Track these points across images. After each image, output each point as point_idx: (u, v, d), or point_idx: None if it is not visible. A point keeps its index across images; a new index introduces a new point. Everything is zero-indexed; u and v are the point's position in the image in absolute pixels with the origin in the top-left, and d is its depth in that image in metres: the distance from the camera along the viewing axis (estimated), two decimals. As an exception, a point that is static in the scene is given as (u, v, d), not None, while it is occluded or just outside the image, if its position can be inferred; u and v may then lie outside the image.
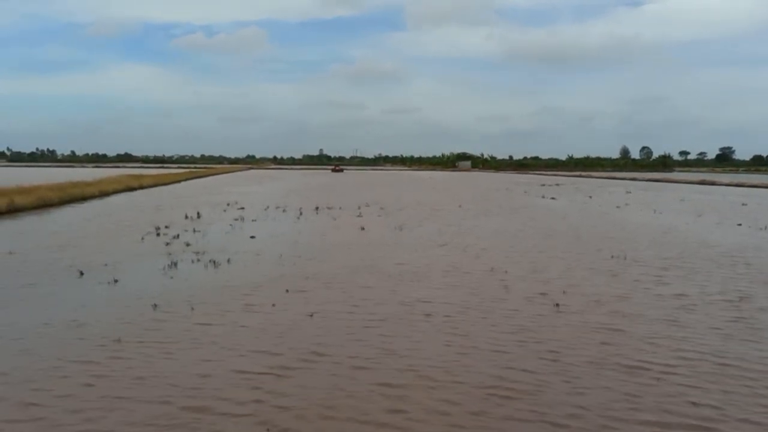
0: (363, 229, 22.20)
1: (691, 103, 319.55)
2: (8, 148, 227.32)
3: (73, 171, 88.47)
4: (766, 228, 23.91)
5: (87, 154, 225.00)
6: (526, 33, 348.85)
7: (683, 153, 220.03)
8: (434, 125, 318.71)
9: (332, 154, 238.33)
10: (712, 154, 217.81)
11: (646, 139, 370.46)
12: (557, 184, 70.34)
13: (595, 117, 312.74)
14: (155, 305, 10.44)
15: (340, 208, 31.94)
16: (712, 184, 73.94)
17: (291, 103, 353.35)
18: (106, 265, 14.22)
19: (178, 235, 19.43)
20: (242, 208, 30.69)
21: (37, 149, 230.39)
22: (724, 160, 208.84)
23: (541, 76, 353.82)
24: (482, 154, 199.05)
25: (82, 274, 13.10)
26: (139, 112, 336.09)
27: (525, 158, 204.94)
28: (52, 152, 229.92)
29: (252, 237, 19.59)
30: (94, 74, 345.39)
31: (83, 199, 36.28)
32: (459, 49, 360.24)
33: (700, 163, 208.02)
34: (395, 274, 13.61)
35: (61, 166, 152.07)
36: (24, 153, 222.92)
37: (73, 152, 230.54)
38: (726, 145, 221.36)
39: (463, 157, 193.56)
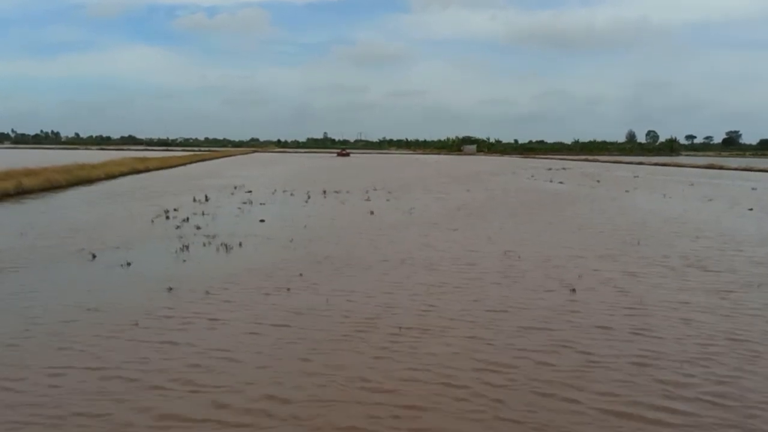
0: (372, 213, 22.10)
1: (698, 86, 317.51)
2: (12, 130, 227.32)
3: (78, 153, 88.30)
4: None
5: (91, 136, 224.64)
6: (531, 15, 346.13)
7: (689, 137, 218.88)
8: (439, 108, 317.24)
9: (336, 138, 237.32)
10: (718, 138, 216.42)
11: (652, 122, 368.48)
12: (564, 169, 70.06)
13: (601, 100, 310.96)
14: (170, 288, 10.39)
15: (348, 191, 31.83)
16: (720, 168, 73.49)
17: (295, 86, 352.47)
18: (117, 248, 14.17)
19: (187, 218, 19.36)
20: (249, 192, 30.58)
21: (41, 131, 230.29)
22: (731, 144, 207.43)
23: (546, 59, 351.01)
24: (488, 138, 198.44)
25: (94, 257, 13.05)
26: (143, 94, 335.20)
27: (530, 142, 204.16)
28: (56, 134, 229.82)
29: (261, 221, 19.51)
30: (97, 55, 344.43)
31: (90, 181, 36.29)
32: (464, 31, 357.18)
33: (707, 147, 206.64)
34: (408, 258, 13.52)
35: (65, 148, 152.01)
36: (28, 135, 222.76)
37: (77, 134, 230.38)
38: (732, 129, 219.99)
39: (468, 140, 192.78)
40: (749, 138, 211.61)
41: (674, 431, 5.62)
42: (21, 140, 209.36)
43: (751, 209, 25.42)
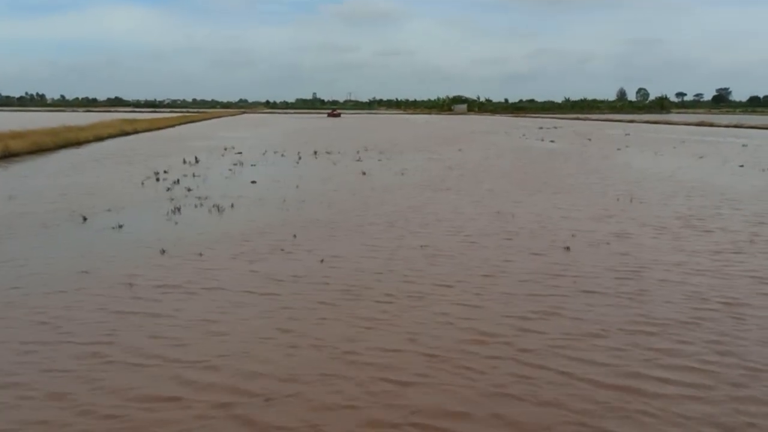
0: (364, 174, 21.97)
1: (688, 44, 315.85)
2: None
3: (65, 115, 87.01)
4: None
5: (77, 98, 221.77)
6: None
7: (680, 94, 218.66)
8: (429, 68, 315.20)
9: (326, 98, 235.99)
10: (708, 96, 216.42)
11: (642, 80, 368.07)
12: (555, 128, 69.84)
13: (591, 59, 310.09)
14: (163, 250, 10.31)
15: (339, 152, 31.60)
16: (711, 125, 73.53)
17: (283, 46, 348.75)
18: (109, 210, 14.04)
19: (178, 180, 19.20)
20: (240, 153, 30.33)
21: (26, 93, 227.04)
22: (721, 101, 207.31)
23: (537, 17, 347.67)
24: (478, 98, 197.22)
25: (85, 219, 12.93)
26: (130, 55, 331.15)
27: (521, 101, 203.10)
28: (42, 96, 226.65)
29: (253, 182, 19.37)
30: (82, 15, 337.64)
31: (78, 144, 35.84)
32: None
33: (697, 104, 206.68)
34: (400, 220, 13.49)
35: (51, 110, 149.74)
36: (13, 97, 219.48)
37: (62, 96, 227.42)
38: (722, 86, 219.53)
39: (459, 100, 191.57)
40: (739, 95, 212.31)
41: (667, 401, 5.41)
42: (6, 103, 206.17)
43: (742, 166, 25.49)
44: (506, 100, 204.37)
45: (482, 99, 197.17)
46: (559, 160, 28.32)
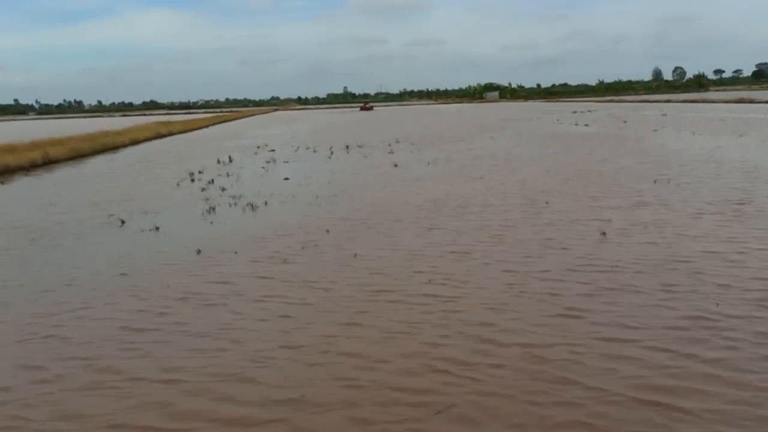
0: (396, 166, 21.96)
1: (725, 18, 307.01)
2: (37, 101, 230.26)
3: (102, 121, 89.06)
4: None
5: (113, 103, 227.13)
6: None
7: (718, 71, 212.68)
8: (459, 57, 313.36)
9: (357, 92, 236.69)
10: (748, 71, 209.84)
11: (678, 59, 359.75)
12: (589, 111, 68.56)
13: (624, 39, 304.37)
14: (199, 251, 10.47)
15: (371, 146, 31.63)
16: (751, 102, 71.22)
17: (311, 42, 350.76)
18: (145, 213, 14.31)
19: (212, 180, 19.47)
20: (272, 151, 30.63)
21: (64, 100, 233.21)
22: (761, 76, 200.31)
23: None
24: (510, 84, 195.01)
25: (123, 222, 13.21)
26: (162, 58, 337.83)
27: (554, 86, 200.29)
28: (79, 103, 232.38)
29: (286, 179, 19.53)
30: (115, 22, 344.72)
31: (114, 148, 36.65)
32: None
33: (736, 81, 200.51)
34: (433, 210, 13.44)
35: (89, 116, 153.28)
36: (52, 105, 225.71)
37: (99, 102, 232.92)
38: (762, 61, 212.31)
39: (491, 87, 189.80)
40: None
41: (709, 416, 4.85)
42: (45, 110, 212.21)
43: (785, 143, 24.70)
44: (538, 86, 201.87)
45: (514, 85, 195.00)
46: (592, 144, 27.81)
